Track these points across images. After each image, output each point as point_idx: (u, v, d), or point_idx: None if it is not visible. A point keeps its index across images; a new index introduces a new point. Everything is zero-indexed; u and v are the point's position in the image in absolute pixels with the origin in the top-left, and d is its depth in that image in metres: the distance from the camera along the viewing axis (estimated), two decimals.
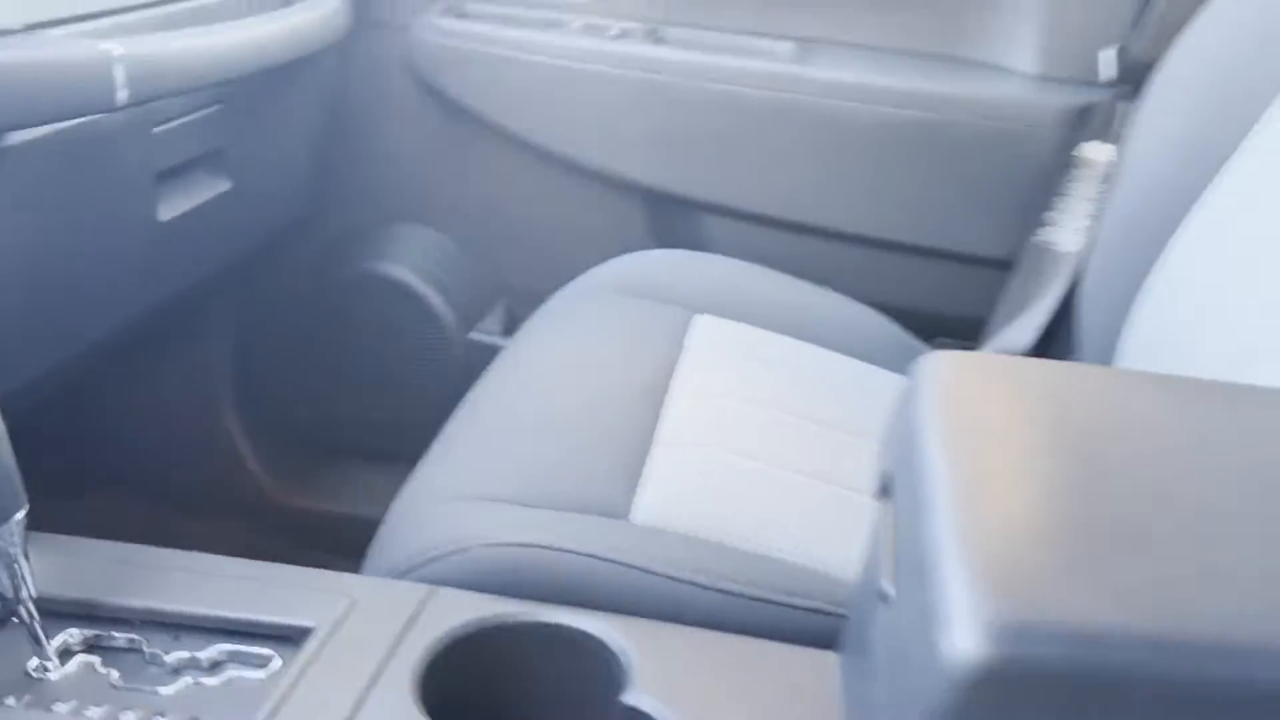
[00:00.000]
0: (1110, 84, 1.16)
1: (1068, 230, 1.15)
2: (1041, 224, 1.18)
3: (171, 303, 1.10)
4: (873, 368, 1.01)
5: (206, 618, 0.64)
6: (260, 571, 0.68)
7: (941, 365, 0.47)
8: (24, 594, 0.59)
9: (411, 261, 1.38)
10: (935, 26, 1.29)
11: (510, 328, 1.42)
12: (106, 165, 0.88)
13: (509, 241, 1.40)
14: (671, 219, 1.32)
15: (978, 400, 0.44)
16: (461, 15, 1.29)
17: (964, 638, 0.32)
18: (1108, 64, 1.16)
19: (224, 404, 1.45)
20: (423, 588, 0.66)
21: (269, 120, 1.15)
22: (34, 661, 0.61)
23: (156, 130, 0.94)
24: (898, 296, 1.21)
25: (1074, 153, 1.16)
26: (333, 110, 1.29)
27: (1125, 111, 1.13)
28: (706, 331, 1.01)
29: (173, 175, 0.98)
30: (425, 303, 1.38)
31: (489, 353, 1.19)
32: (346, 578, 0.69)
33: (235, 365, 1.44)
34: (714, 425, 0.85)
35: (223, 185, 1.07)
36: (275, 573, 0.68)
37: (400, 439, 1.43)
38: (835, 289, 1.17)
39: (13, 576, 0.59)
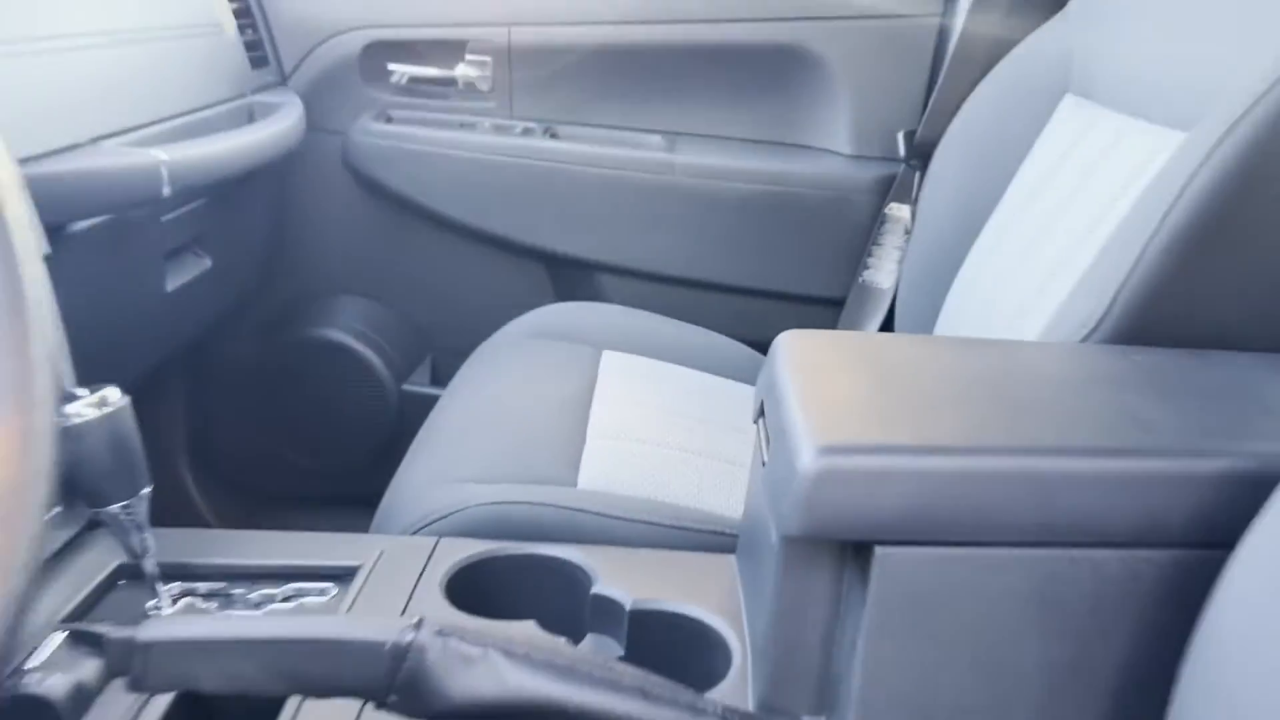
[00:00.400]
0: (905, 160, 1.48)
1: (883, 271, 1.46)
2: (863, 268, 1.49)
3: (163, 362, 1.29)
4: (734, 382, 1.29)
5: (275, 567, 0.85)
6: (303, 537, 0.90)
7: (791, 336, 0.74)
8: (149, 552, 0.80)
9: (349, 326, 1.60)
10: (775, 121, 1.57)
11: (438, 379, 1.65)
12: (134, 246, 1.09)
13: (433, 305, 1.63)
14: (570, 278, 1.58)
15: (813, 350, 0.72)
16: (389, 120, 1.54)
17: (807, 456, 0.58)
18: (901, 145, 1.48)
19: (179, 460, 1.62)
20: (433, 538, 0.89)
21: (238, 210, 1.37)
22: (151, 603, 0.81)
23: (164, 219, 1.15)
24: (753, 330, 1.45)
25: (884, 212, 1.48)
26: (283, 200, 1.51)
27: (917, 179, 1.46)
28: (613, 362, 1.27)
29: (174, 255, 1.20)
30: (363, 361, 1.59)
31: (421, 401, 1.41)
32: (368, 537, 0.91)
33: (189, 424, 1.62)
34: (628, 424, 1.10)
35: (206, 263, 1.28)
36: (314, 536, 0.90)
37: (345, 483, 1.63)
38: (705, 326, 1.43)
39: (141, 540, 0.79)
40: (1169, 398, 0.66)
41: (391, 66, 1.52)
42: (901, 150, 1.47)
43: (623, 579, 0.83)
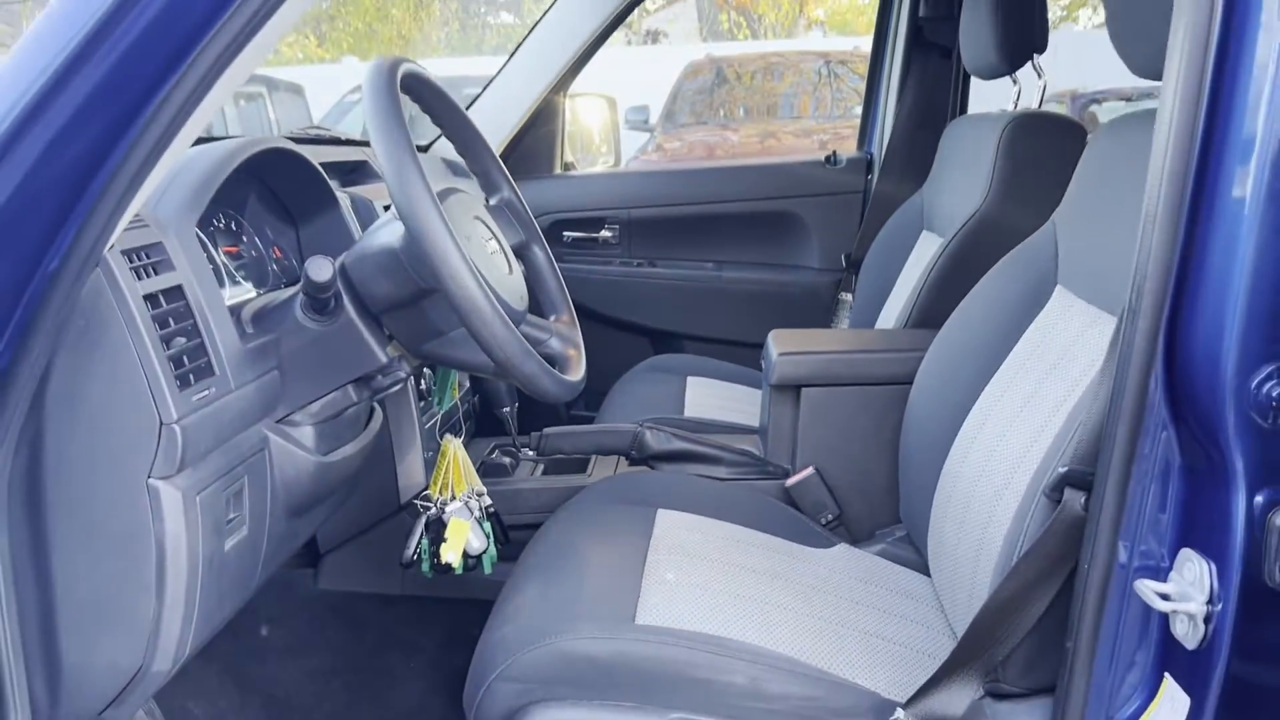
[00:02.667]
0: (846, 269, 2.50)
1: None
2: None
3: None
4: (749, 388, 2.28)
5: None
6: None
7: (776, 330, 1.75)
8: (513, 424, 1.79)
9: None
10: (776, 252, 2.59)
11: (589, 405, 2.64)
12: None
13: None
14: (662, 342, 2.60)
15: (786, 334, 1.72)
16: (563, 260, 2.58)
17: (775, 355, 1.59)
18: (844, 261, 2.51)
19: None
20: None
21: None
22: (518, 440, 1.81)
23: None
24: None
25: (837, 298, 2.50)
26: None
27: (854, 279, 2.47)
28: (696, 383, 2.26)
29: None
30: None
31: (582, 419, 2.40)
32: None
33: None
34: (711, 403, 2.09)
35: None
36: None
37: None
38: (738, 364, 2.43)
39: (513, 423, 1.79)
40: (915, 340, 1.65)
41: (565, 233, 2.58)
42: (844, 264, 2.50)
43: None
